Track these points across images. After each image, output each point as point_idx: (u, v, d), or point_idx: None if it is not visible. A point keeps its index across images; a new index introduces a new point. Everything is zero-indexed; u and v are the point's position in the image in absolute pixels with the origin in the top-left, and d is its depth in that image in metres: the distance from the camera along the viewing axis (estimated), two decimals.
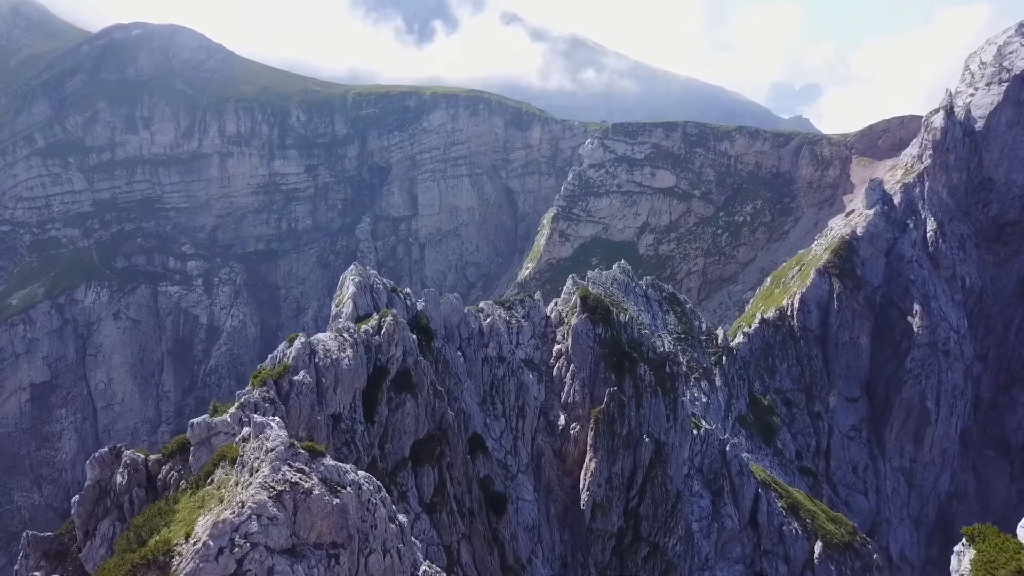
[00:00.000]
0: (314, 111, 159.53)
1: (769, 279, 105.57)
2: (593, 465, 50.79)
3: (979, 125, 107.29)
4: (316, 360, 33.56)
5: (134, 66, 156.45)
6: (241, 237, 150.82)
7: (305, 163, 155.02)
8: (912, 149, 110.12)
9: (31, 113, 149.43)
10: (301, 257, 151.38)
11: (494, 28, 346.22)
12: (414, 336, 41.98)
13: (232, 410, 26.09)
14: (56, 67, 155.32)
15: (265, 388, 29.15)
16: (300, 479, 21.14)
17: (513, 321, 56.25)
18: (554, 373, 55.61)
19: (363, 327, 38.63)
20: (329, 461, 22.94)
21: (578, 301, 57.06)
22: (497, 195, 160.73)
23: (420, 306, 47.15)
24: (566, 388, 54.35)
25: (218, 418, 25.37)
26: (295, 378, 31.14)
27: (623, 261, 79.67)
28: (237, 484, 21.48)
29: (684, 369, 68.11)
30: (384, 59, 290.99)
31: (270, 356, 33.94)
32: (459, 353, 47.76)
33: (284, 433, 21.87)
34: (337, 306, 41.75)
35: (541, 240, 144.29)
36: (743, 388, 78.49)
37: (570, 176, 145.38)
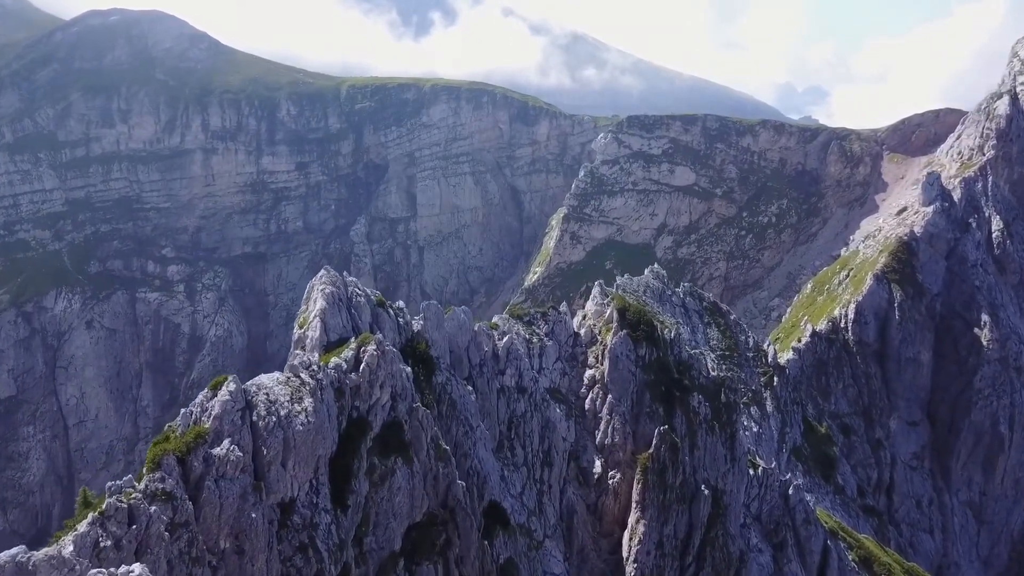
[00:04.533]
0: (305, 104, 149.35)
1: (810, 285, 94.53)
2: (641, 528, 39.46)
3: None
4: (254, 418, 22.05)
5: (111, 55, 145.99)
6: (226, 239, 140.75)
7: (296, 160, 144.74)
8: (968, 140, 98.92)
9: None
10: (291, 261, 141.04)
11: (493, 21, 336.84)
12: (408, 369, 30.40)
13: (83, 526, 14.52)
14: (27, 56, 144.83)
15: (160, 475, 17.46)
16: None
17: (534, 340, 44.80)
18: (586, 406, 44.19)
19: (333, 360, 27.03)
20: None
21: (615, 314, 45.61)
22: (502, 194, 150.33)
23: (417, 326, 35.33)
24: (602, 426, 43.00)
25: (41, 553, 13.78)
26: (215, 451, 19.60)
27: (656, 265, 68.37)
28: None
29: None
30: (379, 52, 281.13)
31: (183, 412, 22.11)
32: (469, 388, 36.13)
33: None
34: (300, 328, 29.80)
35: (550, 243, 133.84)
36: (796, 414, 67.16)
37: (581, 173, 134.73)
